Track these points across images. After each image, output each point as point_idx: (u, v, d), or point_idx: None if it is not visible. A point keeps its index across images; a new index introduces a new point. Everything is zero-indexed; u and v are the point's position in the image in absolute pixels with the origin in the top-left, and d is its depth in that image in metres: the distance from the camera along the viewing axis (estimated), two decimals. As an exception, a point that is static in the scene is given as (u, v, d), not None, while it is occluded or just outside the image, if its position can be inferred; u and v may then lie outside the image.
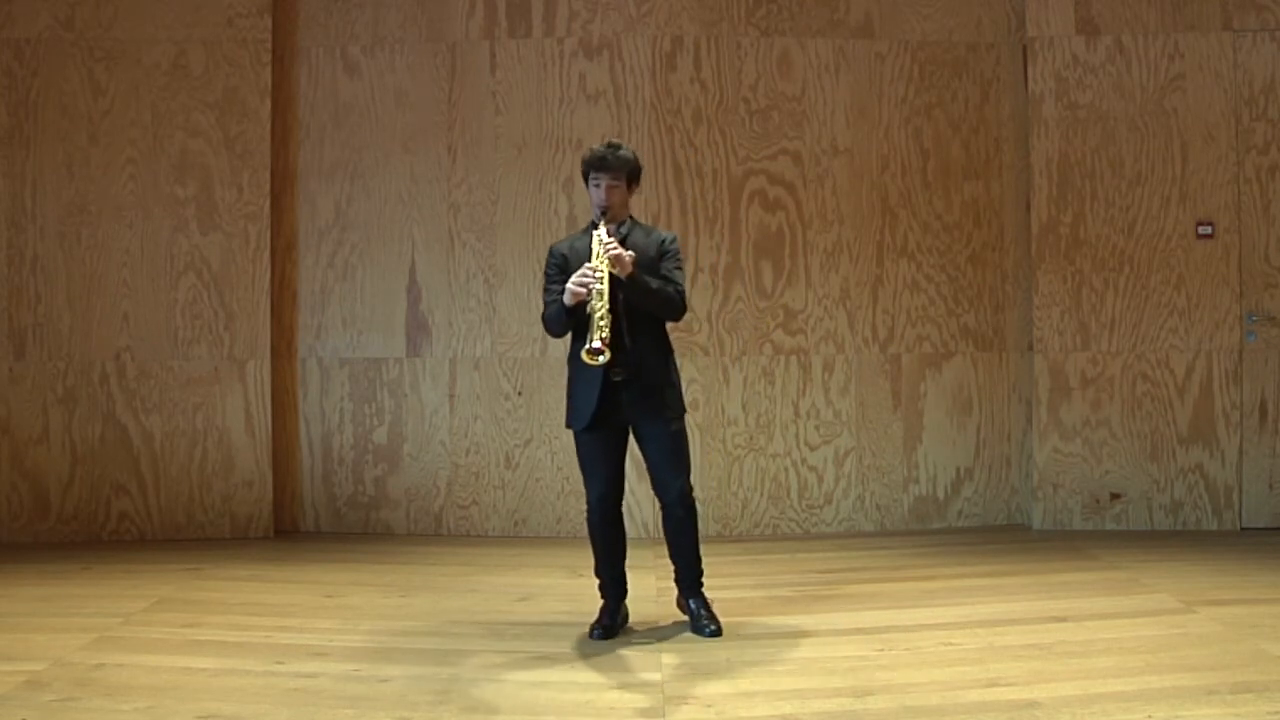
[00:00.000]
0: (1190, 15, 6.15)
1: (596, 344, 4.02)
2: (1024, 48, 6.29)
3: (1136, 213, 6.19)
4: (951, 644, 4.17)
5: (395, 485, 6.33)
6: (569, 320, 4.23)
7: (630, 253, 4.16)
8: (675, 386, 4.38)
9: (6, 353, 6.06)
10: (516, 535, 6.28)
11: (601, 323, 4.04)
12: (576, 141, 6.26)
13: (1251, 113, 6.13)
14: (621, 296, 4.16)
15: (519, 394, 6.28)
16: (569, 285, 4.14)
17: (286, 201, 6.33)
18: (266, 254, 6.21)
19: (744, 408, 6.26)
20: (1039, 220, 6.22)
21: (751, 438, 6.26)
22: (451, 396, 6.32)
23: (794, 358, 6.29)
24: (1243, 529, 6.11)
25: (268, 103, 6.20)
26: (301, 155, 6.34)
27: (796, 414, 6.29)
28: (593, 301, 4.08)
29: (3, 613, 4.65)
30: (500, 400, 6.29)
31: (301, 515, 6.35)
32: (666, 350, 4.38)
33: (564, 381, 6.15)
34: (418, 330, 6.34)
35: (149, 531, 6.13)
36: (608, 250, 4.11)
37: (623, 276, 4.12)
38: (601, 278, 4.08)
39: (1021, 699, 3.57)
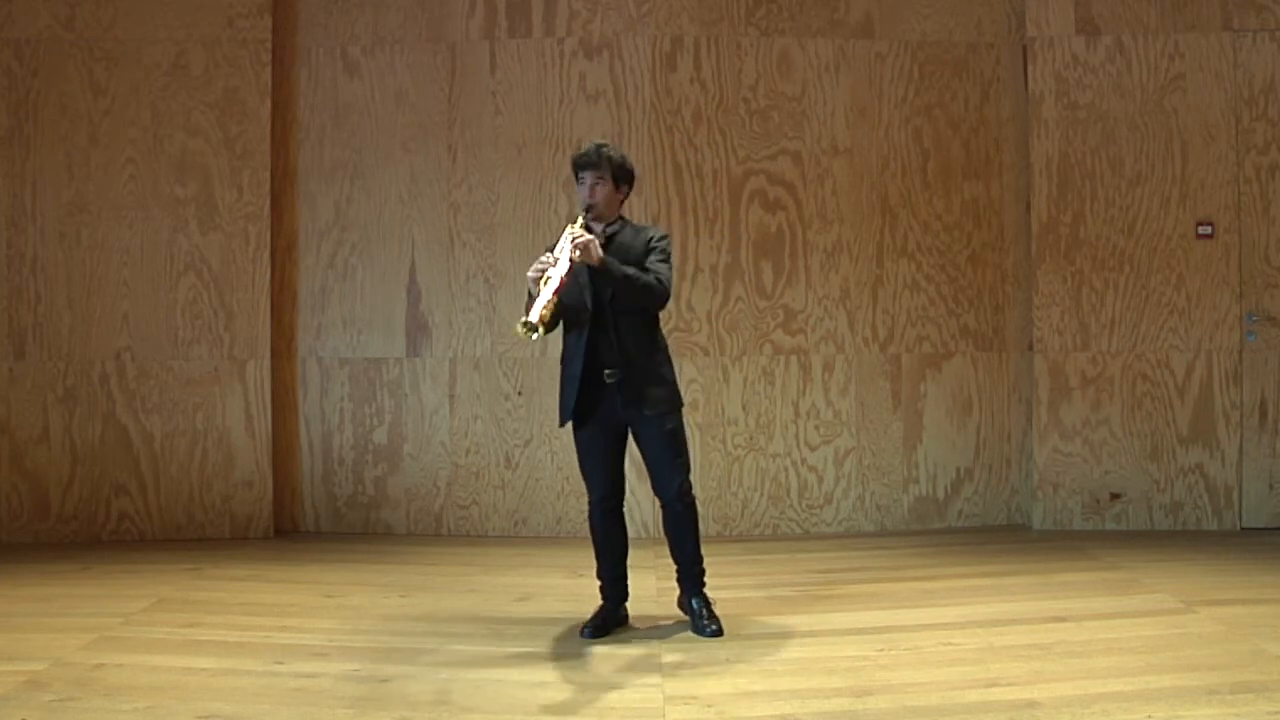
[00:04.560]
0: (1190, 15, 6.15)
1: (532, 317, 3.88)
2: (1024, 48, 6.29)
3: (1136, 213, 6.19)
4: (951, 644, 4.17)
5: (395, 485, 6.33)
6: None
7: (594, 239, 4.10)
8: (668, 384, 4.34)
9: (6, 353, 6.07)
10: (516, 535, 6.28)
11: (541, 302, 3.93)
12: (577, 142, 6.25)
13: (1251, 113, 6.13)
14: (609, 301, 4.17)
15: (519, 394, 6.28)
16: (529, 273, 4.11)
17: (286, 201, 6.33)
18: (266, 254, 6.21)
19: (744, 408, 6.27)
20: (1039, 220, 6.22)
21: (751, 438, 6.26)
22: (451, 397, 6.32)
23: (794, 358, 6.29)
24: (1243, 529, 6.11)
25: (268, 103, 6.20)
26: (301, 155, 6.34)
27: (796, 414, 6.29)
28: (544, 282, 4.00)
29: (3, 613, 4.65)
30: (500, 400, 6.29)
31: (301, 515, 6.35)
32: (655, 348, 4.34)
33: (564, 381, 6.24)
34: (418, 330, 6.34)
35: (149, 531, 6.13)
36: (574, 239, 4.07)
37: (593, 263, 4.09)
38: (556, 268, 4.00)
39: (1021, 699, 3.57)
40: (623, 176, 4.33)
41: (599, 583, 4.47)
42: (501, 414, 6.29)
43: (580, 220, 4.21)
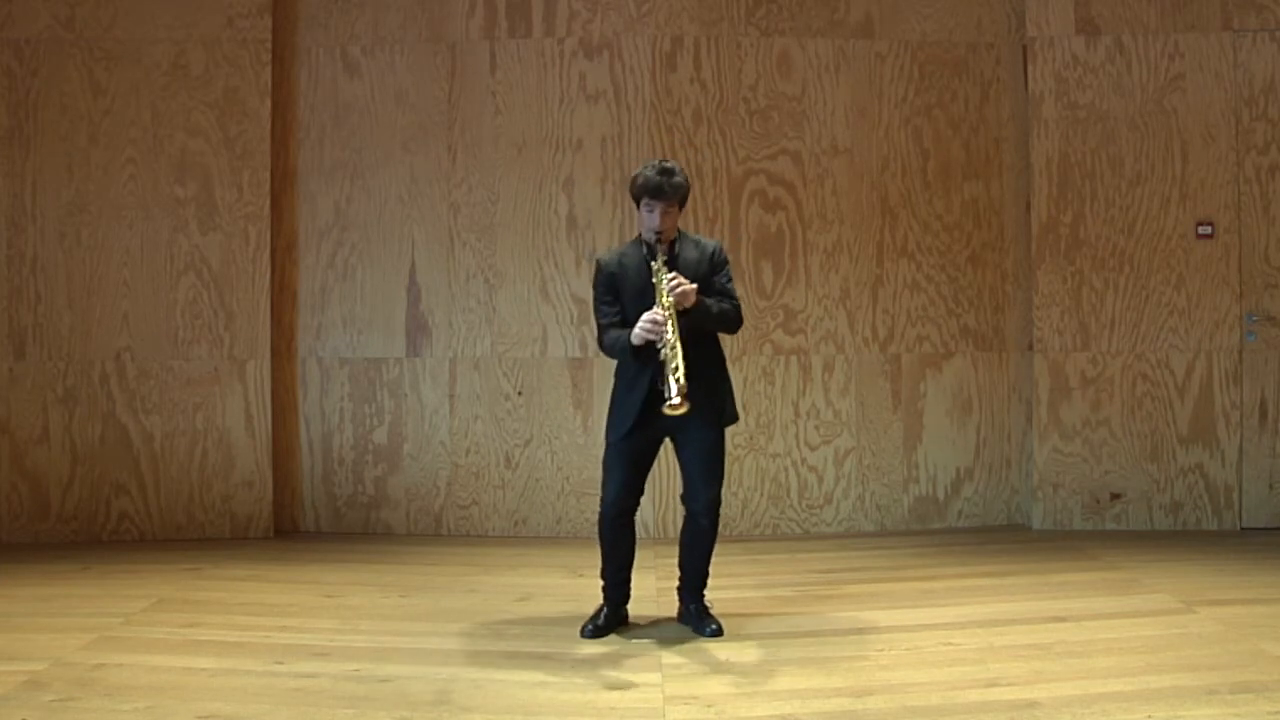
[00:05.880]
0: (1190, 15, 6.15)
1: (676, 399, 3.91)
2: (1024, 48, 6.29)
3: (1136, 213, 6.19)
4: (951, 644, 4.17)
5: (395, 485, 6.33)
6: (635, 359, 4.20)
7: (693, 285, 4.13)
8: (730, 395, 4.39)
9: (6, 353, 6.07)
10: (516, 535, 6.28)
11: (677, 374, 3.95)
12: (577, 141, 6.27)
13: (1251, 113, 6.13)
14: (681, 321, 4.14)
15: (519, 394, 6.28)
16: (637, 330, 4.10)
17: (286, 201, 6.33)
18: (266, 254, 6.21)
19: (744, 408, 6.24)
20: (1039, 220, 6.22)
21: (751, 438, 6.26)
22: (451, 396, 6.32)
23: (794, 358, 6.29)
24: (1243, 529, 6.12)
25: (268, 103, 6.20)
26: (301, 155, 6.34)
27: (796, 414, 6.29)
28: (665, 352, 4.02)
29: (3, 613, 4.65)
30: (500, 400, 6.29)
31: (301, 515, 6.35)
32: (721, 360, 4.39)
33: (564, 382, 6.23)
34: (418, 330, 6.34)
35: (149, 531, 6.13)
36: (672, 290, 4.09)
37: (688, 306, 4.12)
38: (670, 328, 4.02)
39: (1021, 699, 3.57)
40: (685, 197, 4.33)
41: (601, 583, 4.46)
42: (501, 414, 6.29)
43: (661, 258, 4.17)
